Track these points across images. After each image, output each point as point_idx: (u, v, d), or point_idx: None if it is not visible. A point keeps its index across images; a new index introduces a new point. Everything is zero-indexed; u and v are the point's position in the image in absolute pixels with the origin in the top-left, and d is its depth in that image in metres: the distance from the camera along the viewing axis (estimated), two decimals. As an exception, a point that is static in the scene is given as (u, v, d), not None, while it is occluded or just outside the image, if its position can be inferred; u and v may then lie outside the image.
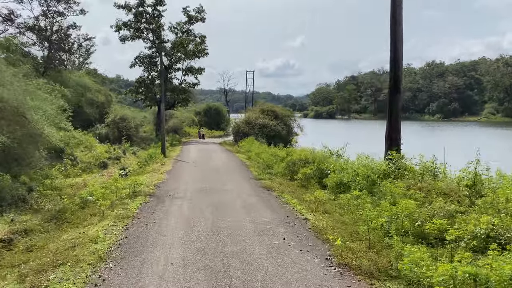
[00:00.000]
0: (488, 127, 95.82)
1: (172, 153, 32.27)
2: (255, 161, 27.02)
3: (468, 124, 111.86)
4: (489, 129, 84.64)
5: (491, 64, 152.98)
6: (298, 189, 16.08)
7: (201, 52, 52.19)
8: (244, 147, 35.39)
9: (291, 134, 47.93)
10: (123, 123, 40.91)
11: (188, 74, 53.15)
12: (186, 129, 67.44)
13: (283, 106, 56.17)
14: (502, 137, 67.51)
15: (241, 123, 45.13)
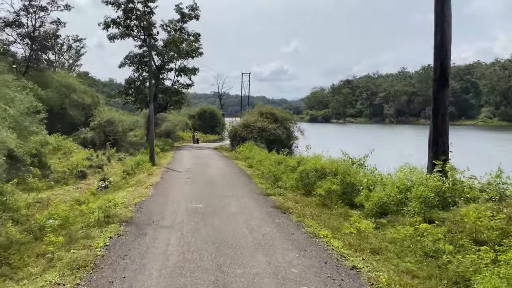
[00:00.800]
0: (489, 131, 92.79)
1: (163, 160, 28.46)
2: (257, 169, 23.36)
3: (468, 128, 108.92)
4: (493, 133, 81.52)
5: (487, 67, 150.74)
6: (319, 209, 12.38)
7: (195, 51, 48.49)
8: (243, 152, 31.69)
9: (291, 138, 44.44)
10: (110, 127, 37.08)
11: (181, 74, 49.45)
12: (180, 133, 63.62)
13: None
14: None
15: (238, 127, 41.46)
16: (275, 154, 29.13)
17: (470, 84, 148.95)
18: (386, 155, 39.87)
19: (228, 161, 28.33)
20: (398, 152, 38.26)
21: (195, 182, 17.54)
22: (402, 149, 43.38)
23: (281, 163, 22.94)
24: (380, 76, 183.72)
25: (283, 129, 42.92)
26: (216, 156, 32.65)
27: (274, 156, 26.94)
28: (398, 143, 57.27)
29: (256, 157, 27.19)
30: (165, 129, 60.13)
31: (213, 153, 35.49)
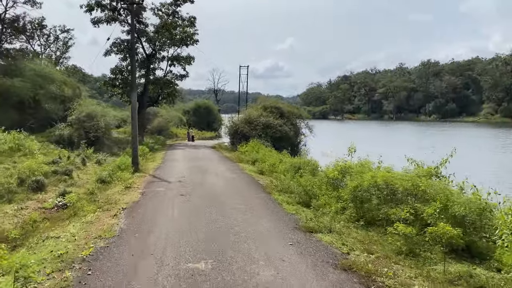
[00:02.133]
0: (498, 128, 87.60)
1: (150, 163, 22.57)
2: (272, 176, 17.67)
3: (478, 126, 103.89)
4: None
5: (487, 63, 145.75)
6: (418, 268, 6.67)
7: (190, 37, 42.52)
8: (248, 153, 25.94)
9: (298, 135, 38.79)
10: (90, 122, 31.14)
11: (174, 64, 43.45)
12: (173, 130, 57.68)
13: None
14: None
15: (239, 123, 35.63)
16: (288, 156, 23.52)
17: (471, 80, 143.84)
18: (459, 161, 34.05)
19: (232, 164, 22.50)
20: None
21: (192, 204, 11.62)
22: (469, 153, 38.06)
23: (300, 168, 17.44)
24: (378, 72, 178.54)
25: (290, 125, 37.33)
26: (215, 157, 26.80)
27: (289, 159, 21.27)
28: (446, 143, 51.12)
29: (267, 160, 21.48)
30: (157, 126, 54.25)
31: (211, 153, 29.65)
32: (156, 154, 28.95)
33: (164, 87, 42.60)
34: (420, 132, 74.68)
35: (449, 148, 11.16)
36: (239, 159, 24.91)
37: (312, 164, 19.19)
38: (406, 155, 12.17)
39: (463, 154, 15.11)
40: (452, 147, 10.91)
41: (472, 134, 66.60)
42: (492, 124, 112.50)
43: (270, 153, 24.00)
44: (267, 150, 25.20)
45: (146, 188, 13.94)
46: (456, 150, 10.82)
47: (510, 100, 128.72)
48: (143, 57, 42.54)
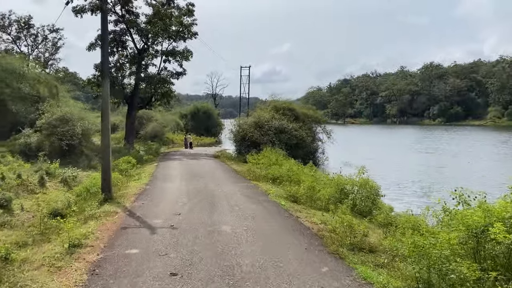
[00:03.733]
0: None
1: (133, 184, 15.85)
2: (315, 208, 11.27)
3: (486, 129, 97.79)
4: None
5: (492, 66, 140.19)
6: None
7: (187, 29, 36.06)
8: (264, 166, 19.46)
9: (315, 142, 32.47)
10: (64, 127, 24.55)
11: (169, 59, 36.93)
12: (169, 136, 51.05)
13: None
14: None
15: (248, 127, 29.13)
16: (312, 168, 17.27)
17: (476, 82, 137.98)
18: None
19: (246, 185, 15.86)
20: None
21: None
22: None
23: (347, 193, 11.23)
24: (379, 76, 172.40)
25: (306, 130, 31.04)
26: (221, 172, 20.14)
27: (326, 177, 14.95)
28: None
29: (293, 176, 15.15)
30: (151, 131, 47.71)
31: (215, 166, 23.00)
32: (145, 167, 22.32)
33: (158, 86, 36.01)
34: (438, 137, 68.25)
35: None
36: (253, 175, 18.32)
37: (368, 186, 12.85)
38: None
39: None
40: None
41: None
42: (499, 127, 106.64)
43: (298, 167, 17.47)
44: (292, 163, 18.65)
45: (107, 251, 7.31)
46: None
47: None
48: (133, 52, 36.07)
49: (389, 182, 22.23)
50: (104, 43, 12.74)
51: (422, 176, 25.80)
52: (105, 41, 12.78)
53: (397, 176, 25.50)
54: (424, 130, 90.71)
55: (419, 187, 22.15)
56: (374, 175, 26.05)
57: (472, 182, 22.40)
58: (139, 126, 48.68)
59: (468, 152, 39.31)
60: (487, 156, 36.41)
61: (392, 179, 24.53)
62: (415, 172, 27.74)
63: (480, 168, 29.06)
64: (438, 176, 25.63)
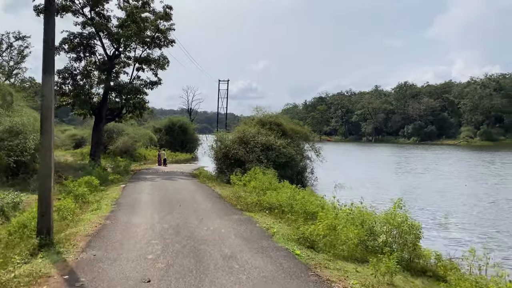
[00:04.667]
0: (491, 151, 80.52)
1: (88, 217, 11.73)
2: (339, 260, 7.73)
3: (460, 149, 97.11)
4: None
5: (463, 86, 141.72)
6: None
7: (164, 34, 32.42)
8: (255, 190, 15.82)
9: (303, 160, 29.17)
10: (13, 141, 20.38)
11: (143, 67, 33.10)
12: (141, 152, 46.73)
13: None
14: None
15: (231, 143, 25.51)
16: (345, 208, 13.75)
17: (448, 102, 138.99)
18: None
19: (239, 217, 12.11)
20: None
21: None
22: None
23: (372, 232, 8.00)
24: (353, 94, 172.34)
25: (295, 147, 27.76)
26: (203, 197, 16.25)
27: (341, 211, 11.51)
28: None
29: (298, 206, 11.66)
30: (122, 146, 43.36)
31: (194, 189, 19.10)
32: (110, 189, 18.29)
33: (130, 96, 32.00)
34: (421, 156, 66.21)
35: None
36: (243, 203, 14.60)
37: (406, 225, 9.45)
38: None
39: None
40: None
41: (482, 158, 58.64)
42: (474, 147, 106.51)
43: (301, 194, 13.86)
44: (292, 188, 15.06)
45: None
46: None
47: (489, 123, 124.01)
48: (103, 58, 32.11)
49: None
50: (49, 19, 8.91)
51: (431, 200, 22.68)
52: (49, 18, 8.95)
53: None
54: (403, 149, 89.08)
55: (433, 215, 18.90)
56: (376, 199, 23.00)
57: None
58: (108, 141, 44.29)
59: (461, 173, 36.74)
60: (482, 177, 33.89)
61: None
62: (420, 195, 24.59)
63: (485, 192, 26.26)
64: (450, 202, 22.54)
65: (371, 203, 21.22)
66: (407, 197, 23.71)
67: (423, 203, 21.75)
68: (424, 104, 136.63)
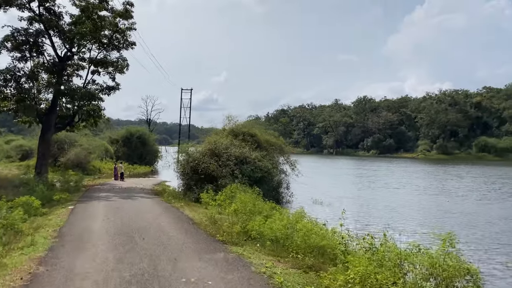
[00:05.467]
0: (454, 165, 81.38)
1: (14, 261, 8.31)
2: None
3: (418, 162, 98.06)
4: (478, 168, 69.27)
5: (419, 101, 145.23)
6: None
7: (123, 34, 28.95)
8: (236, 214, 12.76)
9: (279, 174, 26.56)
10: None
11: (99, 71, 29.38)
12: (96, 164, 42.46)
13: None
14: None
15: (200, 156, 22.32)
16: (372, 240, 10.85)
17: (405, 117, 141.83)
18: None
19: (223, 255, 9.03)
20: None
21: None
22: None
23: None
24: (314, 107, 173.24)
25: (270, 160, 25.08)
26: (172, 225, 12.83)
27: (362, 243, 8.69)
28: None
29: (301, 239, 8.82)
30: (75, 158, 39.06)
31: (160, 212, 15.61)
32: (54, 213, 14.56)
33: (84, 102, 28.14)
34: (391, 170, 65.35)
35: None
36: (224, 231, 11.53)
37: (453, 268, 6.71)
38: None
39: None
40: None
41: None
42: (431, 160, 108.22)
43: (303, 221, 10.95)
44: (283, 212, 12.14)
45: None
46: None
47: (445, 137, 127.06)
48: (52, 59, 28.16)
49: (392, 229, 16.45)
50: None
51: (427, 221, 20.41)
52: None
53: (395, 221, 19.86)
54: (367, 162, 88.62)
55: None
56: (364, 218, 20.49)
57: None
58: (58, 152, 39.84)
59: (437, 188, 35.23)
60: (459, 192, 32.44)
61: (389, 223, 18.84)
62: (410, 214, 22.33)
63: (474, 209, 24.45)
64: (452, 222, 20.33)
65: (362, 224, 18.84)
66: (397, 216, 21.42)
67: (420, 223, 19.43)
68: (383, 117, 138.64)
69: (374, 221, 19.66)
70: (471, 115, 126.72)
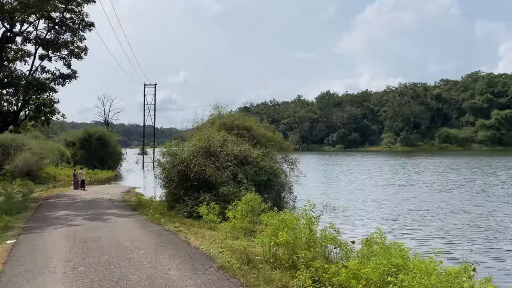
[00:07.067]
0: (422, 157, 79.59)
1: None
2: None
3: (384, 154, 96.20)
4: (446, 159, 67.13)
5: (381, 95, 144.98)
6: None
7: (79, 9, 22.96)
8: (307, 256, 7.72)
9: (282, 175, 21.54)
10: None
11: (49, 55, 23.28)
12: (50, 171, 35.67)
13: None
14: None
15: (190, 156, 16.90)
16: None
17: (369, 110, 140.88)
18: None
19: None
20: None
21: None
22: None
23: None
24: (277, 104, 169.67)
25: (269, 160, 20.12)
26: (190, 280, 7.77)
27: None
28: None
29: None
30: (24, 164, 32.12)
31: (155, 245, 9.90)
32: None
33: (31, 93, 21.96)
34: (379, 165, 61.87)
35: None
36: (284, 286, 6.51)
37: None
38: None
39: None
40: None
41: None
42: (394, 152, 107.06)
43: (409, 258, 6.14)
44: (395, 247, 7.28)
45: None
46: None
47: (408, 129, 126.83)
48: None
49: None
50: None
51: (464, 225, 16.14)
52: None
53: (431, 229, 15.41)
54: (342, 157, 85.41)
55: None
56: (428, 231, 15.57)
57: None
58: (3, 158, 32.86)
59: (442, 183, 31.51)
60: (470, 187, 28.80)
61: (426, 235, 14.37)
62: (458, 218, 17.92)
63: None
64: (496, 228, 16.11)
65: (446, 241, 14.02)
66: (457, 221, 16.92)
67: (486, 232, 15.08)
68: (347, 112, 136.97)
69: (453, 232, 14.97)
70: (432, 107, 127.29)
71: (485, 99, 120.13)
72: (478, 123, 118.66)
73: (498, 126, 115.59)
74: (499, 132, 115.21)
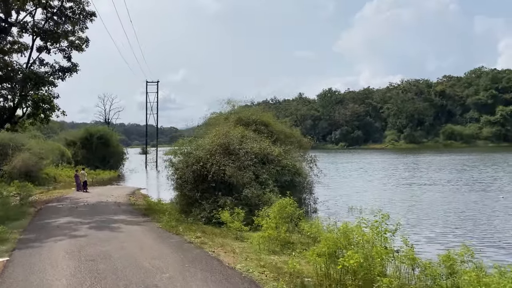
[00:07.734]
0: (432, 154, 77.73)
1: None
2: None
3: (389, 152, 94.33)
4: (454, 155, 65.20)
5: (384, 92, 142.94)
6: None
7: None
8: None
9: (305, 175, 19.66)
10: None
11: (48, 47, 21.44)
12: (50, 171, 33.82)
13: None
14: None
15: (207, 154, 15.06)
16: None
17: (371, 107, 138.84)
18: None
19: None
20: None
21: None
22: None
23: None
24: (278, 102, 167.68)
25: (290, 157, 18.26)
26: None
27: None
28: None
29: None
30: (22, 165, 30.29)
31: (180, 266, 8.10)
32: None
33: (28, 87, 20.10)
34: (399, 164, 60.01)
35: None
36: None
37: None
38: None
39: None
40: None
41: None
42: (401, 150, 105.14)
43: None
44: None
45: None
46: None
47: (412, 126, 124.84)
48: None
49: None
50: None
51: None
52: None
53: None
54: (348, 154, 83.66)
55: None
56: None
57: None
58: (1, 159, 31.03)
59: (462, 181, 29.69)
60: (497, 185, 26.96)
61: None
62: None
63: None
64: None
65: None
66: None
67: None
68: (349, 109, 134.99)
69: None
70: (436, 103, 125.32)
71: (489, 95, 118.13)
72: (483, 119, 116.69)
73: (503, 122, 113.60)
74: (504, 128, 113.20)
